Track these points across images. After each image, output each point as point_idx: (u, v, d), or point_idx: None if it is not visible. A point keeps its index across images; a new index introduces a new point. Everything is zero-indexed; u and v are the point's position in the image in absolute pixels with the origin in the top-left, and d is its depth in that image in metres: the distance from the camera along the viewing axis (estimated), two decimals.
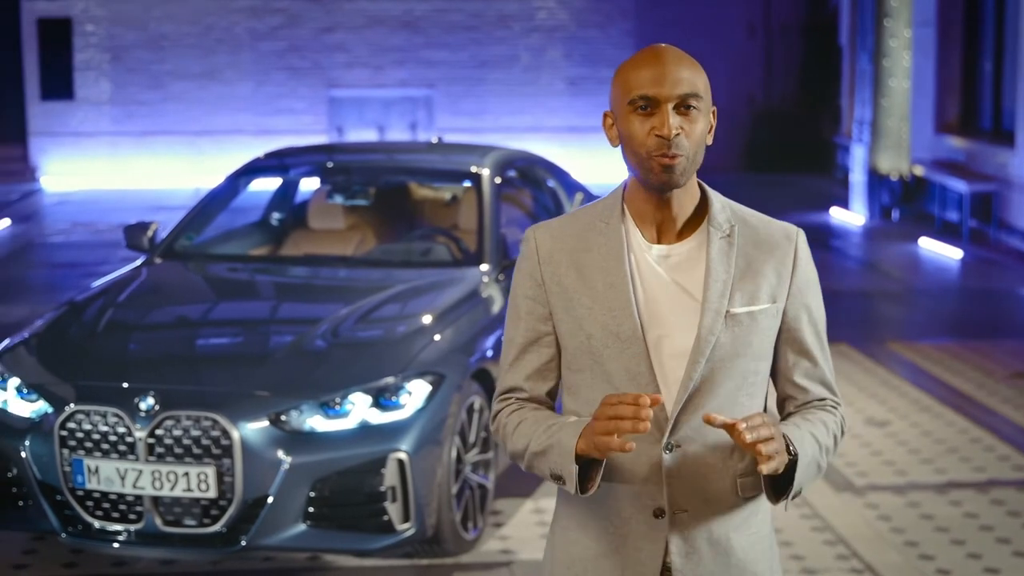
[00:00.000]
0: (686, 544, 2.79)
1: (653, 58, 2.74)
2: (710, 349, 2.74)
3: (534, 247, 2.88)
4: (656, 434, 2.75)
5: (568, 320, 2.82)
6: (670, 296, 2.78)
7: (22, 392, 5.77)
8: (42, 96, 22.72)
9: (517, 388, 2.92)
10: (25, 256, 14.91)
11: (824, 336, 2.91)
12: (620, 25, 23.33)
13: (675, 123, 2.69)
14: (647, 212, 2.81)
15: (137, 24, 22.60)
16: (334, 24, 22.85)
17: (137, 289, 6.77)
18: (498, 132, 22.93)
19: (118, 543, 5.56)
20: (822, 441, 2.80)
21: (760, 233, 2.86)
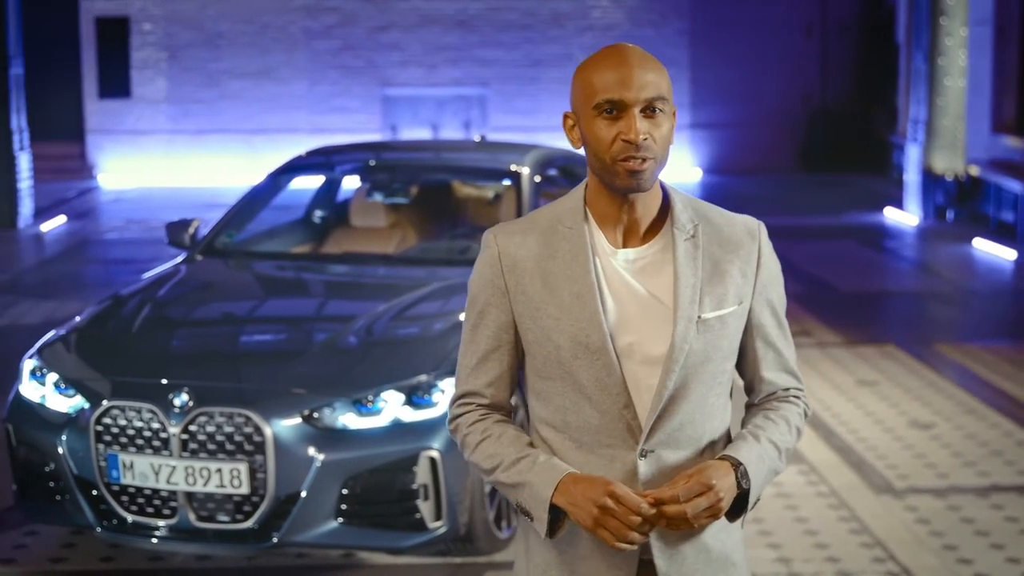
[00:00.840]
0: (668, 547, 2.78)
1: (618, 60, 2.69)
2: (684, 356, 2.72)
3: (496, 254, 2.83)
4: (630, 441, 2.75)
5: (535, 330, 2.80)
6: (639, 302, 2.76)
7: (60, 387, 5.82)
8: (100, 94, 22.93)
9: (477, 394, 2.90)
10: (79, 252, 15.05)
11: (785, 322, 2.91)
12: (675, 24, 23.24)
13: (642, 128, 2.66)
14: (610, 214, 2.77)
15: (193, 23, 22.76)
16: (388, 23, 22.91)
17: (175, 286, 6.81)
18: (551, 131, 22.90)
19: (152, 538, 5.60)
20: (782, 445, 2.83)
21: (724, 232, 2.83)
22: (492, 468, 2.83)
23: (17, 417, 5.89)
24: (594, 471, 2.75)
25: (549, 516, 2.72)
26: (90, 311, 6.53)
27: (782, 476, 7.02)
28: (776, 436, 2.82)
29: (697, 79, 23.31)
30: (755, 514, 6.47)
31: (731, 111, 23.42)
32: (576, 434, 2.78)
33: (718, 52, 23.27)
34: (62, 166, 22.79)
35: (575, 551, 2.82)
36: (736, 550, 2.88)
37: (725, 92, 23.34)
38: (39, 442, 5.76)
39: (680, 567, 2.79)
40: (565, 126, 2.79)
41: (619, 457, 2.75)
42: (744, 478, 2.71)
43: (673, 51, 23.21)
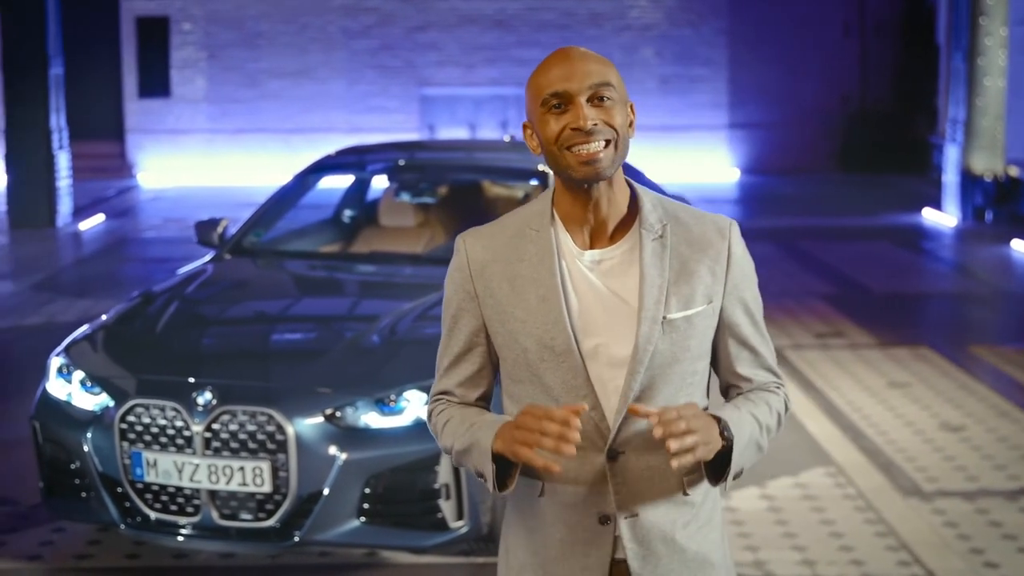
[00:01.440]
0: (641, 547, 2.78)
1: (560, 57, 2.72)
2: (648, 358, 2.71)
3: (465, 259, 2.85)
4: (599, 442, 2.75)
5: (503, 333, 2.81)
6: (604, 304, 2.75)
7: (86, 385, 5.85)
8: (140, 94, 23.08)
9: (448, 392, 2.93)
10: (117, 251, 15.15)
11: (761, 322, 2.89)
12: (713, 23, 23.18)
13: (591, 115, 2.66)
14: (577, 215, 2.77)
15: (233, 22, 22.87)
16: (426, 23, 22.95)
17: (202, 285, 6.84)
18: None
19: (176, 536, 5.62)
20: (763, 421, 2.80)
21: (693, 231, 2.80)
22: (452, 444, 2.84)
23: (44, 415, 5.93)
24: (565, 472, 2.75)
25: (495, 467, 2.70)
26: (116, 309, 6.57)
27: (809, 478, 6.99)
28: (757, 412, 2.79)
29: (735, 79, 23.24)
30: (779, 516, 6.45)
31: (769, 111, 23.33)
32: None
33: (756, 52, 23.19)
34: (102, 165, 22.94)
35: (547, 552, 2.83)
36: (714, 550, 2.87)
37: (763, 92, 23.25)
38: (65, 440, 5.79)
39: (654, 567, 2.78)
40: (525, 136, 2.81)
41: (589, 459, 2.75)
42: (727, 430, 2.68)
43: (711, 51, 23.15)
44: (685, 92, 23.24)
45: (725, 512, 6.53)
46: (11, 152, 16.82)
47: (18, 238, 16.14)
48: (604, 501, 2.76)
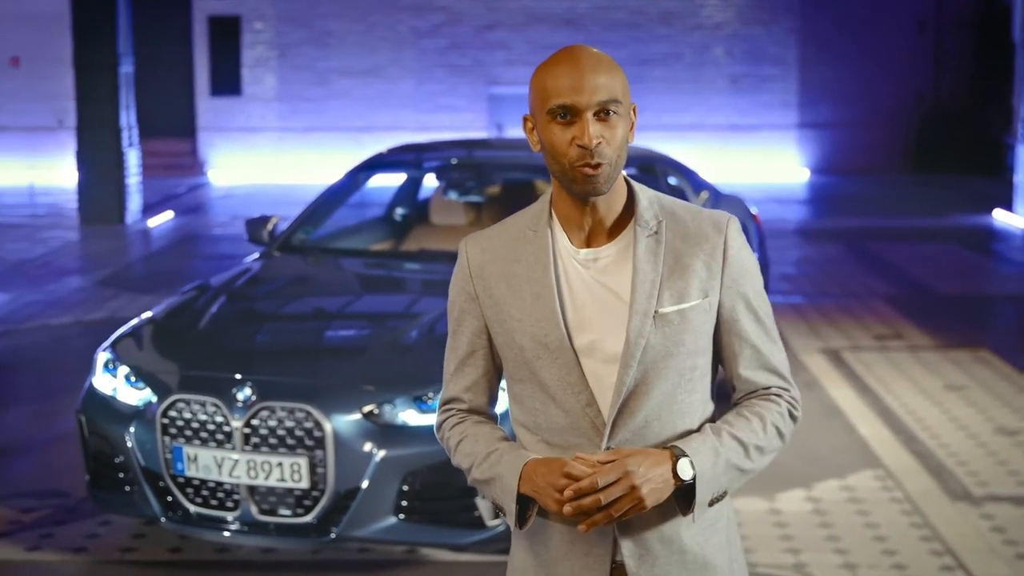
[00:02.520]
0: (638, 546, 2.76)
1: (570, 64, 2.67)
2: (640, 352, 2.70)
3: (466, 260, 2.87)
4: (596, 439, 2.74)
5: (502, 333, 2.82)
6: (599, 301, 2.75)
7: (130, 380, 5.91)
8: (211, 92, 23.30)
9: (457, 399, 2.94)
10: (183, 248, 15.30)
11: (769, 321, 2.85)
12: (784, 23, 23.03)
13: (595, 132, 2.64)
14: (574, 216, 2.77)
15: (303, 21, 23.02)
16: (495, 22, 22.98)
17: (248, 282, 6.90)
18: (658, 130, 22.83)
19: (215, 530, 5.67)
20: (749, 441, 2.76)
21: (689, 226, 2.79)
22: (469, 467, 2.85)
23: (89, 409, 6.00)
24: None
25: (517, 506, 2.72)
26: (162, 305, 6.64)
27: (857, 481, 6.93)
28: (742, 432, 2.76)
29: (806, 78, 23.08)
30: (824, 518, 6.40)
31: (841, 110, 23.14)
32: (546, 434, 2.80)
33: (828, 50, 23.01)
34: (174, 162, 23.20)
35: (549, 553, 2.83)
36: (717, 553, 2.84)
37: (835, 91, 23.07)
38: (109, 434, 5.86)
39: (651, 567, 2.77)
40: (525, 129, 2.80)
41: None
42: (683, 469, 2.66)
43: (781, 50, 23.00)
44: (755, 91, 23.10)
45: (769, 514, 6.49)
46: (82, 150, 17.04)
47: (88, 234, 16.35)
48: None
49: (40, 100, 23.16)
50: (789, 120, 23.13)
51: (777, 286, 12.43)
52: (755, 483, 6.93)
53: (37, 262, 14.29)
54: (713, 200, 8.55)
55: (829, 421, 8.08)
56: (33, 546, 6.12)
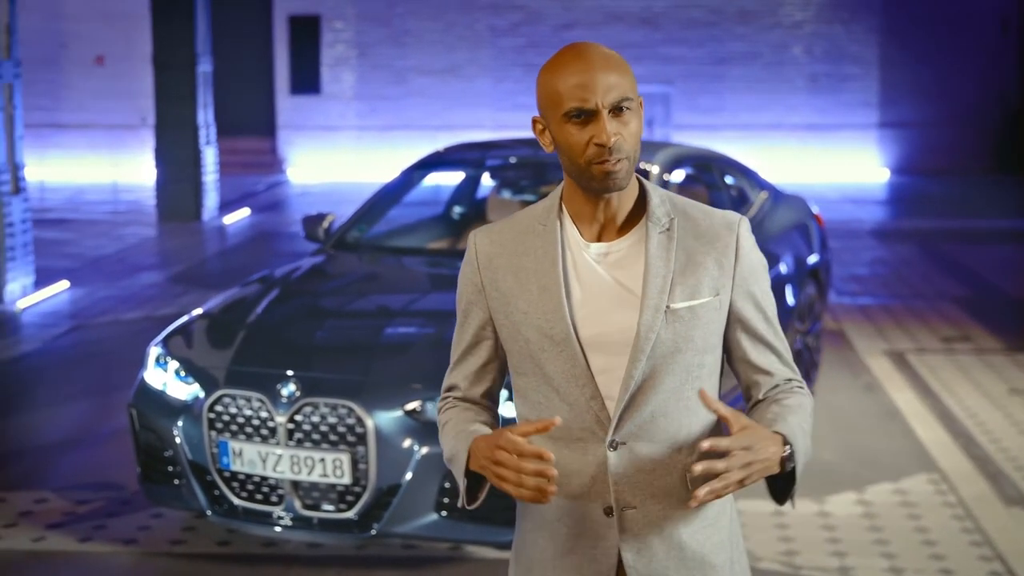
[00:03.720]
0: (637, 541, 2.78)
1: (580, 64, 2.68)
2: (650, 346, 2.72)
3: (474, 252, 2.89)
4: (600, 433, 2.75)
5: (507, 325, 2.83)
6: (609, 294, 2.76)
7: (180, 375, 5.99)
8: (291, 90, 23.51)
9: (454, 387, 2.97)
10: (257, 245, 15.45)
11: (775, 321, 2.87)
12: (865, 21, 22.81)
13: (612, 129, 2.66)
14: (586, 211, 2.79)
15: (382, 20, 23.16)
16: (573, 21, 22.97)
17: (300, 279, 6.96)
18: (736, 129, 22.72)
19: (260, 524, 5.74)
20: (807, 428, 2.77)
21: (701, 225, 2.81)
22: (443, 450, 2.89)
23: (140, 403, 6.09)
24: (568, 464, 2.77)
25: (467, 482, 2.75)
26: (214, 300, 6.73)
27: (910, 484, 6.86)
28: (800, 420, 2.76)
29: (886, 77, 22.84)
30: (873, 522, 6.35)
31: (922, 110, 22.88)
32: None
33: (910, 49, 22.76)
34: (254, 160, 23.44)
35: (555, 546, 2.84)
36: (718, 552, 2.84)
37: (916, 90, 22.81)
38: (159, 427, 5.95)
39: (648, 562, 2.78)
40: (535, 130, 2.80)
41: (590, 450, 2.76)
42: (790, 459, 2.67)
43: (862, 48, 22.78)
44: (834, 90, 22.90)
45: (817, 516, 6.44)
46: (160, 148, 17.28)
47: (165, 231, 16.57)
48: (608, 493, 2.77)
49: (124, 98, 23.49)
50: (869, 120, 22.91)
51: (846, 287, 12.32)
52: (805, 485, 6.88)
53: (113, 258, 14.50)
54: (773, 200, 8.50)
55: (887, 424, 8.00)
56: (85, 537, 6.22)
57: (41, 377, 9.38)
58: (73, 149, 23.70)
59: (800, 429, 2.74)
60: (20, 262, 11.92)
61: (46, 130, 23.68)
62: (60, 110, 23.81)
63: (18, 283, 11.86)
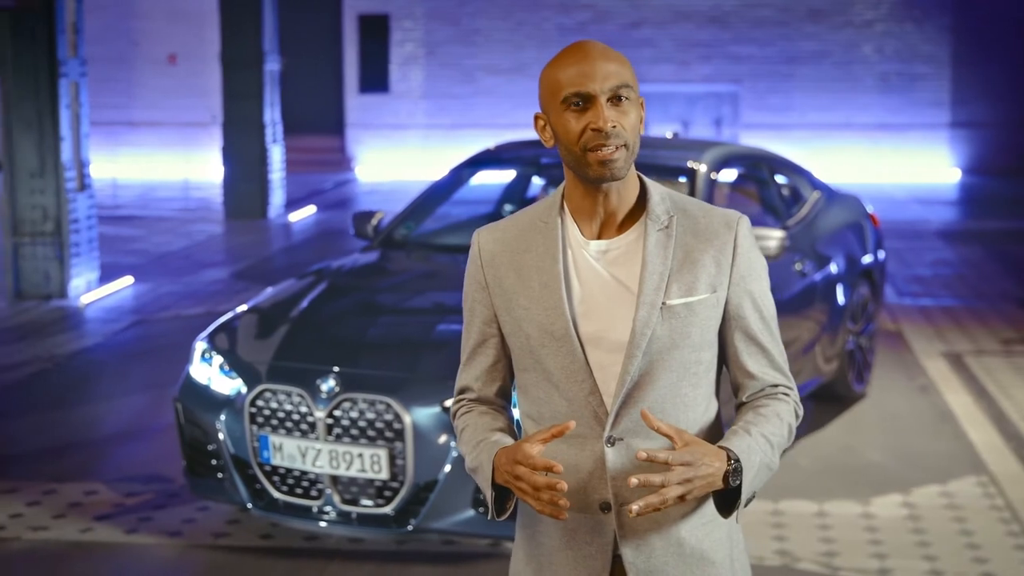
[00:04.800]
0: (635, 537, 2.79)
1: (580, 54, 2.73)
2: (646, 342, 2.73)
3: (477, 250, 2.92)
4: (597, 429, 2.77)
5: (509, 321, 2.86)
6: (608, 291, 2.78)
7: (224, 370, 6.07)
8: (360, 89, 23.64)
9: (468, 388, 2.98)
10: (320, 242, 15.55)
11: (773, 322, 2.87)
12: (937, 20, 22.57)
13: (610, 116, 2.69)
14: (586, 208, 2.80)
15: (451, 19, 23.23)
16: (641, 19, 22.93)
17: (344, 276, 7.01)
18: (804, 128, 22.57)
19: (300, 518, 5.80)
20: (775, 440, 2.79)
21: (700, 223, 2.82)
22: (465, 458, 2.90)
23: (186, 397, 6.17)
24: (567, 460, 2.79)
25: (495, 494, 2.76)
26: (260, 297, 6.80)
27: (958, 487, 6.81)
28: (768, 430, 2.78)
29: (959, 77, 22.60)
30: (918, 524, 6.30)
31: (995, 110, 22.61)
32: (550, 424, 2.82)
33: (983, 48, 22.50)
34: (323, 158, 23.60)
35: (551, 542, 2.86)
36: (717, 548, 2.85)
37: (989, 90, 22.55)
38: (203, 422, 6.03)
39: (648, 559, 2.79)
40: (536, 127, 2.84)
41: (588, 445, 2.78)
42: (735, 475, 2.68)
43: (934, 48, 22.55)
44: (906, 90, 22.69)
45: (861, 518, 6.40)
46: (227, 146, 17.44)
47: (231, 228, 16.74)
48: (605, 489, 2.78)
49: (195, 96, 23.74)
50: (940, 119, 22.67)
51: (907, 288, 12.22)
52: (848, 486, 6.85)
53: (179, 254, 14.67)
54: (827, 200, 8.44)
55: (939, 426, 7.93)
56: (131, 529, 6.31)
57: (100, 371, 9.51)
58: (145, 147, 23.98)
59: (758, 442, 2.75)
60: (85, 258, 12.09)
61: (119, 128, 23.97)
62: (133, 108, 24.10)
63: (83, 279, 12.04)
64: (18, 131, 11.69)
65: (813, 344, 7.59)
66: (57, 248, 11.74)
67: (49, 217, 11.77)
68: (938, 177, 22.26)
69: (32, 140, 11.69)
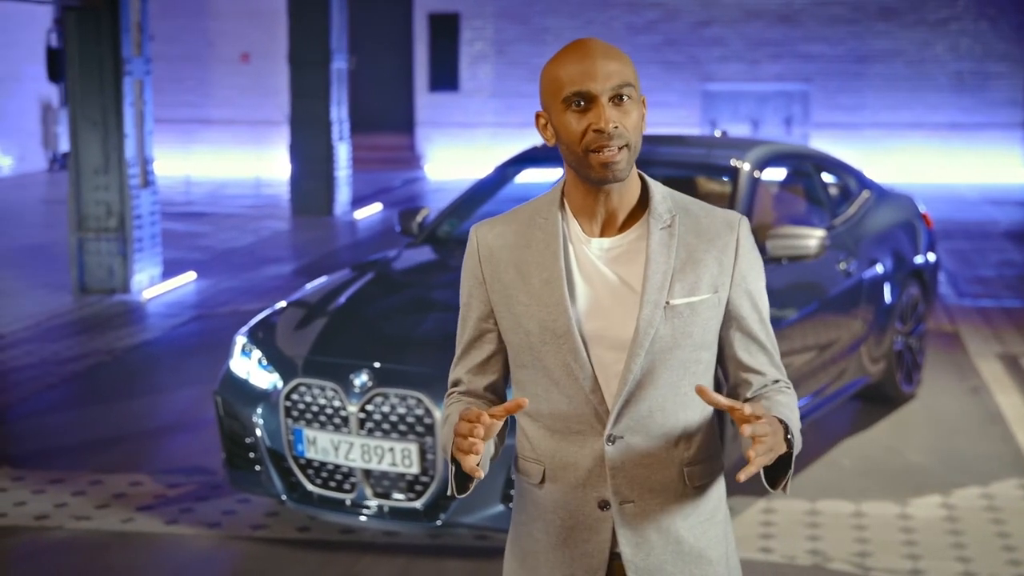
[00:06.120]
0: (635, 535, 2.79)
1: (582, 53, 2.71)
2: (649, 341, 2.73)
3: (475, 245, 2.90)
4: (598, 427, 2.77)
5: (508, 317, 2.85)
6: (610, 290, 2.77)
7: (262, 364, 6.15)
8: (430, 88, 23.75)
9: (460, 382, 2.98)
10: (383, 239, 15.64)
11: (768, 322, 2.87)
12: (1012, 18, 22.29)
13: (612, 116, 2.67)
14: (587, 206, 2.79)
15: (520, 18, 23.28)
16: (710, 18, 22.85)
17: (385, 271, 7.08)
18: (875, 128, 22.39)
19: (333, 510, 5.87)
20: (796, 425, 2.78)
21: (702, 223, 2.82)
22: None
23: (226, 390, 6.26)
24: (565, 457, 2.80)
25: (454, 470, 2.76)
26: (300, 292, 6.88)
27: (1000, 489, 6.75)
28: (793, 416, 2.79)
29: None
30: (955, 525, 6.25)
31: None
32: (548, 421, 2.83)
33: None
34: (393, 156, 23.75)
35: (548, 539, 2.87)
36: (714, 546, 2.86)
37: None
38: (241, 415, 6.11)
39: (647, 556, 2.80)
40: (537, 125, 2.82)
41: (588, 443, 2.78)
42: (789, 445, 2.69)
43: (1009, 46, 22.28)
44: (979, 89, 22.43)
45: (898, 519, 6.37)
46: (294, 143, 17.61)
47: (296, 225, 16.89)
48: (604, 487, 2.79)
49: (267, 95, 23.97)
50: (1015, 119, 22.39)
51: (968, 288, 12.09)
52: (888, 487, 6.81)
53: (243, 251, 14.83)
54: (877, 199, 8.38)
55: (987, 428, 7.85)
56: (172, 519, 6.41)
57: (157, 364, 9.65)
58: (219, 144, 24.25)
59: (793, 422, 2.76)
60: (148, 253, 12.26)
61: (193, 125, 24.27)
62: (207, 106, 24.38)
63: (145, 274, 12.21)
64: (83, 129, 11.89)
65: (858, 344, 7.55)
66: (121, 244, 11.92)
67: (113, 213, 11.95)
68: (1011, 177, 21.98)
69: (97, 137, 11.87)
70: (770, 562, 5.86)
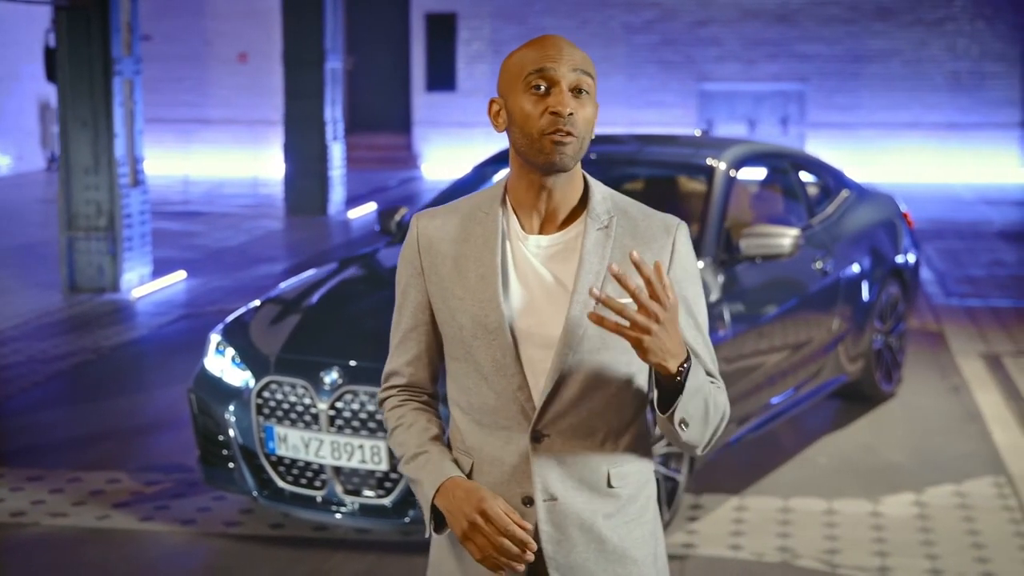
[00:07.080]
0: (556, 531, 2.79)
1: (548, 42, 2.75)
2: (577, 341, 2.74)
3: (416, 235, 2.91)
4: (524, 423, 2.78)
5: (444, 310, 2.86)
6: (544, 287, 2.79)
7: (235, 362, 6.18)
8: (427, 87, 23.78)
9: (397, 373, 2.99)
10: (376, 239, 15.66)
11: (704, 325, 2.86)
12: (1009, 18, 22.30)
13: (570, 103, 2.70)
14: (528, 201, 2.81)
15: (518, 18, 23.30)
16: (708, 18, 22.86)
17: (360, 269, 7.12)
18: (872, 127, 22.40)
19: (304, 507, 5.90)
20: (712, 396, 2.75)
21: (639, 225, 2.82)
22: (399, 458, 2.93)
23: (200, 388, 6.30)
24: (492, 452, 2.82)
25: (432, 515, 2.81)
26: (276, 290, 6.91)
27: (973, 487, 6.77)
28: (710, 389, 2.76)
29: None
30: (925, 523, 6.28)
31: None
32: (477, 415, 2.84)
33: None
34: (390, 156, 23.77)
35: None
36: (639, 546, 2.86)
37: None
38: (215, 413, 6.15)
39: (568, 554, 2.80)
40: (490, 112, 2.82)
41: (514, 439, 2.80)
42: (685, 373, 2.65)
43: (1005, 46, 22.28)
44: (975, 89, 22.43)
45: (869, 516, 6.39)
46: (288, 143, 17.63)
47: (290, 225, 16.93)
48: (528, 483, 2.80)
49: (265, 94, 23.99)
50: (1012, 119, 22.39)
51: (956, 288, 12.11)
52: (862, 484, 6.84)
53: (235, 250, 14.87)
54: (857, 198, 8.41)
55: (965, 426, 7.88)
56: (147, 516, 6.45)
57: (142, 363, 9.69)
58: (217, 144, 24.28)
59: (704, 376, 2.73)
60: (137, 252, 12.30)
61: (191, 125, 24.30)
62: (205, 106, 24.41)
63: (135, 273, 12.24)
64: (73, 128, 11.92)
65: (836, 343, 7.57)
66: (110, 243, 11.96)
67: (103, 212, 11.99)
68: (1008, 177, 21.98)
69: (86, 137, 11.91)
70: (739, 559, 5.89)
